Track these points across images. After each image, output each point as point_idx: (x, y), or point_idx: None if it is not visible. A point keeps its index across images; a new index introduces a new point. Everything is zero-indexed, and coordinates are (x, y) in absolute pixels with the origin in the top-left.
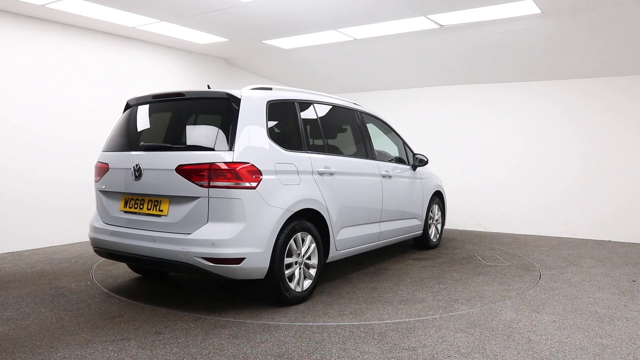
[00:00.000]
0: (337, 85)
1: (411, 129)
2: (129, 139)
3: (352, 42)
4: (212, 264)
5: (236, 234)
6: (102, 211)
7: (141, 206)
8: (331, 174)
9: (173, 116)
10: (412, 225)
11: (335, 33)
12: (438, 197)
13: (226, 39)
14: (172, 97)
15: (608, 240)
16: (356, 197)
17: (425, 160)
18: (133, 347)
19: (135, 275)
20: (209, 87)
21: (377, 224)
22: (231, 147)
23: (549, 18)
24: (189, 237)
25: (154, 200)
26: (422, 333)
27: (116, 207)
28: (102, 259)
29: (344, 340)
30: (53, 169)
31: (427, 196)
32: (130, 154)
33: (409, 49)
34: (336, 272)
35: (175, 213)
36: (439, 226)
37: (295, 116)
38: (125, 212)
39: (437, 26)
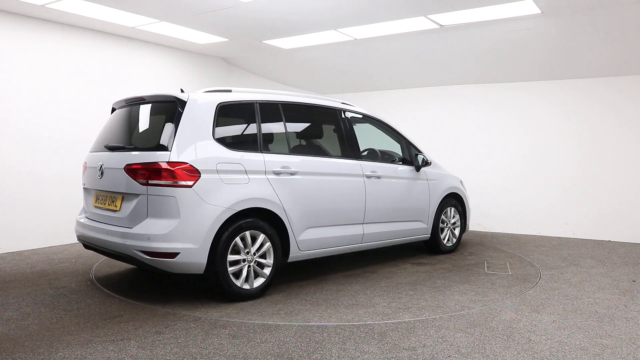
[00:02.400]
0: (338, 85)
1: (411, 129)
2: (102, 139)
3: (352, 42)
4: (149, 257)
5: (170, 229)
6: (85, 206)
7: (104, 202)
8: (292, 174)
9: (135, 119)
10: (414, 228)
11: (335, 33)
12: (455, 200)
13: (226, 39)
14: (137, 100)
15: (608, 240)
16: (327, 197)
17: (426, 160)
18: (133, 347)
19: (135, 275)
20: (182, 91)
21: (360, 225)
22: (170, 147)
23: (549, 18)
24: (130, 231)
25: (112, 197)
26: (422, 333)
27: (91, 202)
28: (102, 259)
29: (344, 340)
30: (53, 169)
31: (435, 198)
32: (99, 154)
33: (409, 49)
34: (315, 273)
35: (125, 209)
36: (456, 230)
37: (252, 117)
38: (96, 207)
39: (437, 26)
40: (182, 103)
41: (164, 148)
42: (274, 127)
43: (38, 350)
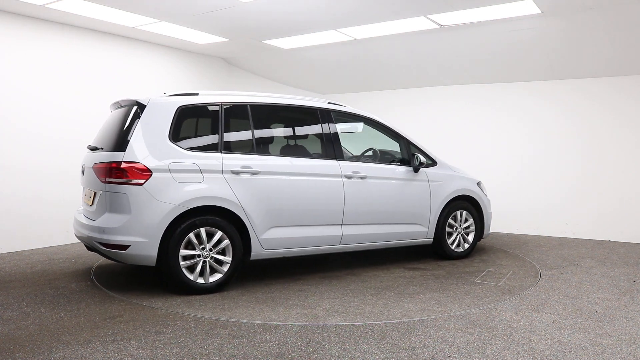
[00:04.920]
0: (338, 85)
1: (410, 129)
2: (93, 141)
3: (352, 42)
4: (105, 248)
5: (122, 224)
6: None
7: (87, 198)
8: (254, 173)
9: (112, 121)
10: (410, 232)
11: (335, 33)
12: (469, 202)
13: (226, 39)
14: (117, 105)
15: (608, 240)
16: (295, 197)
17: (421, 160)
18: (133, 347)
19: (135, 275)
20: (164, 94)
21: (338, 226)
22: (125, 148)
23: (549, 18)
24: (93, 223)
25: (89, 193)
26: (422, 333)
27: (83, 199)
28: (102, 259)
29: (344, 340)
30: (53, 169)
31: (439, 200)
32: (86, 154)
33: (409, 49)
34: (294, 273)
35: (95, 204)
36: (470, 235)
37: (216, 119)
38: (84, 202)
39: (437, 26)
40: (142, 107)
41: (122, 148)
42: (239, 128)
43: (38, 350)
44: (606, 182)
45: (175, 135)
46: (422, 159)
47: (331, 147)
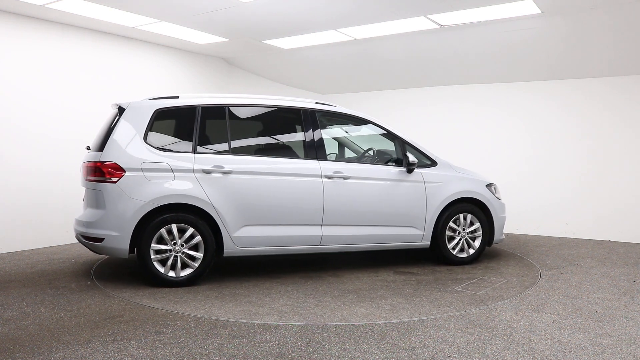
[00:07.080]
0: (338, 85)
1: (410, 129)
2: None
3: (352, 42)
4: (85, 241)
5: (97, 218)
6: None
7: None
8: (226, 173)
9: (103, 124)
10: (403, 234)
11: (335, 33)
12: (476, 206)
13: (226, 39)
14: (111, 108)
15: (608, 240)
16: (269, 196)
17: (411, 161)
18: (133, 347)
19: (135, 275)
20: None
21: (318, 227)
22: (102, 149)
23: (549, 18)
24: (79, 218)
25: (84, 190)
26: (422, 333)
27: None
28: (102, 259)
29: (344, 340)
30: (53, 169)
31: (436, 203)
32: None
33: (409, 49)
34: (278, 272)
35: (84, 200)
36: (477, 241)
37: (192, 121)
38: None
39: (437, 26)
40: (122, 110)
41: (99, 149)
42: (216, 129)
43: (38, 350)
44: (606, 182)
45: (151, 136)
46: (413, 159)
47: (312, 147)
